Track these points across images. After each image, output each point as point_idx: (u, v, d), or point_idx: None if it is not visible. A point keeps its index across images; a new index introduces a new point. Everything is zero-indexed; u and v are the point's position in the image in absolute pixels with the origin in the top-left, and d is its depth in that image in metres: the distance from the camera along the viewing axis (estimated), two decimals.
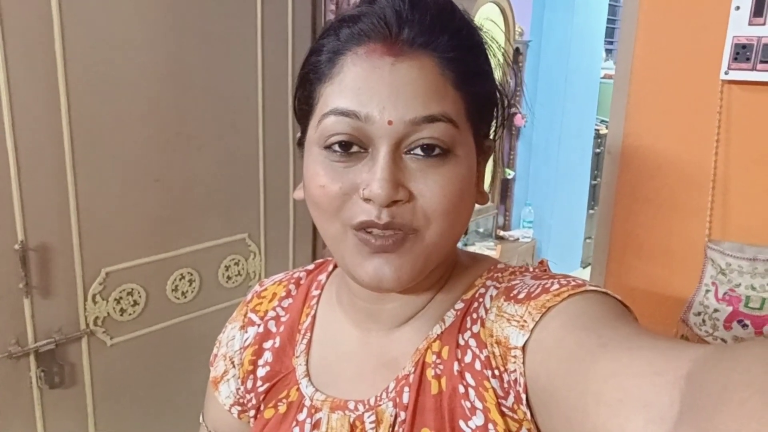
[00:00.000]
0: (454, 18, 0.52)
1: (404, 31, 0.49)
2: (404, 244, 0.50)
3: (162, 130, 1.44)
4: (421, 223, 0.50)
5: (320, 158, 0.51)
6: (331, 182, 0.50)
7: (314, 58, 0.53)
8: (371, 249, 0.50)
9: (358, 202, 0.49)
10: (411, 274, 0.51)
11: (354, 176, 0.49)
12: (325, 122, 0.50)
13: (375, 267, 0.50)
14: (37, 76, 1.22)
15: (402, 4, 0.50)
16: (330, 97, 0.50)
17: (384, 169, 0.48)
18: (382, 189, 0.47)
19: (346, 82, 0.49)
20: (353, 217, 0.50)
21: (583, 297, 0.47)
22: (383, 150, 0.48)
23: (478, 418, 0.49)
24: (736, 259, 1.20)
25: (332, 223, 0.51)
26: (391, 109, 0.48)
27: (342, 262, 0.53)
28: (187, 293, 1.57)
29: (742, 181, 1.22)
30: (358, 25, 0.50)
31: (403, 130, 0.48)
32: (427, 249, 0.51)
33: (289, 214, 1.79)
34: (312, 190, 0.51)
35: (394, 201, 0.48)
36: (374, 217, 0.48)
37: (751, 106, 1.19)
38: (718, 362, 0.32)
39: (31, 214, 1.24)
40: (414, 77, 0.48)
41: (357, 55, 0.49)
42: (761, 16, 1.13)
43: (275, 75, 1.65)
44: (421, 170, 0.49)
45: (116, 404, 1.47)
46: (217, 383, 0.69)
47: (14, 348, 1.26)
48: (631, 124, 1.34)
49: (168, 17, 1.40)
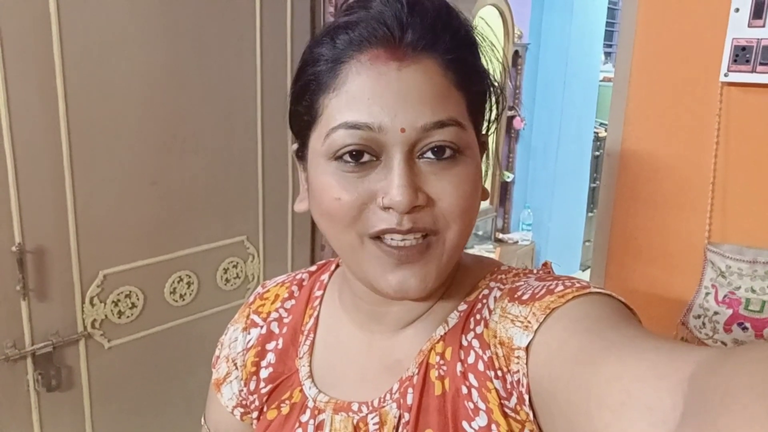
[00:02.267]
0: (451, 18, 0.52)
1: (407, 34, 0.49)
2: (428, 250, 0.50)
3: (159, 133, 1.44)
4: (441, 226, 0.50)
5: (331, 169, 0.50)
6: (346, 193, 0.49)
7: (312, 69, 0.51)
8: (395, 261, 0.49)
9: (375, 212, 0.49)
10: (436, 280, 0.51)
11: (369, 185, 0.49)
12: (335, 136, 0.49)
13: (400, 279, 0.50)
14: (35, 79, 1.21)
15: (400, 7, 0.49)
16: (337, 110, 0.49)
17: (401, 176, 0.47)
18: (402, 196, 0.47)
19: (353, 92, 0.48)
20: (371, 227, 0.49)
21: (588, 299, 0.47)
22: (398, 157, 0.48)
23: (481, 418, 0.49)
24: (736, 261, 1.20)
25: (347, 234, 0.51)
26: (402, 117, 0.47)
27: (360, 273, 0.53)
28: (185, 296, 1.56)
29: (741, 183, 1.22)
30: (356, 31, 0.49)
31: (415, 136, 0.48)
32: (448, 251, 0.51)
33: (287, 216, 1.78)
34: (326, 203, 0.50)
35: (413, 207, 0.48)
36: (395, 224, 0.48)
37: (750, 108, 1.19)
38: (721, 366, 0.32)
39: (29, 216, 1.24)
40: (420, 82, 0.48)
41: (360, 62, 0.48)
42: (761, 18, 1.13)
43: (274, 77, 1.65)
44: (434, 173, 0.49)
45: (114, 407, 1.47)
46: (219, 385, 0.69)
47: (11, 351, 1.25)
48: (630, 127, 1.34)
49: (166, 20, 1.40)
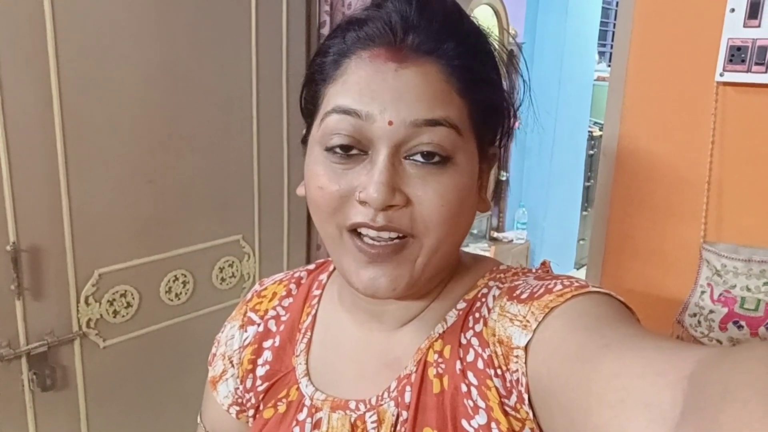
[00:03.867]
0: (461, 24, 0.52)
1: (409, 37, 0.49)
2: (402, 251, 0.50)
3: (155, 131, 1.43)
4: (419, 230, 0.50)
5: (321, 158, 0.51)
6: (329, 183, 0.50)
7: (320, 60, 0.53)
8: (367, 257, 0.50)
9: (354, 205, 0.49)
10: (407, 284, 0.51)
11: (352, 178, 0.49)
12: (327, 120, 0.50)
13: (370, 276, 0.50)
14: (30, 77, 1.20)
15: (409, 9, 0.50)
16: (333, 96, 0.50)
17: (382, 173, 0.47)
18: (378, 192, 0.47)
19: (349, 82, 0.49)
20: (347, 219, 0.50)
21: (587, 298, 0.47)
22: (383, 153, 0.48)
23: (480, 417, 0.49)
24: (731, 260, 1.21)
25: (329, 224, 0.52)
26: (392, 111, 0.47)
27: (338, 265, 0.53)
28: (180, 295, 1.56)
29: (737, 182, 1.22)
30: (364, 29, 0.50)
31: (403, 132, 0.48)
32: (425, 257, 0.51)
33: (283, 215, 1.78)
34: (311, 190, 0.52)
35: (389, 205, 0.48)
36: (369, 219, 0.48)
37: (746, 108, 1.20)
38: (720, 363, 0.32)
39: (23, 215, 1.23)
40: (417, 83, 0.48)
41: (361, 58, 0.49)
42: (756, 18, 1.14)
43: (269, 75, 1.64)
44: (420, 176, 0.49)
45: (109, 407, 1.46)
46: (215, 383, 0.69)
47: (6, 350, 1.25)
48: (626, 126, 1.34)
49: (161, 18, 1.39)
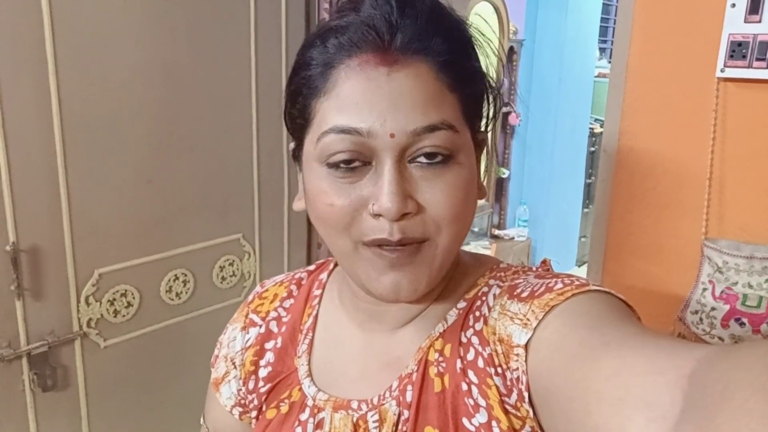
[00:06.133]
0: (444, 19, 0.51)
1: (396, 38, 0.48)
2: (418, 254, 0.50)
3: (155, 131, 1.43)
4: (432, 232, 0.50)
5: (323, 174, 0.50)
6: (338, 199, 0.49)
7: (304, 73, 0.51)
8: (386, 263, 0.50)
9: (367, 218, 0.49)
10: (427, 284, 0.51)
11: (361, 191, 0.49)
12: (325, 140, 0.49)
13: (392, 281, 0.50)
14: (28, 77, 1.20)
15: (390, 9, 0.48)
16: (328, 114, 0.49)
17: (391, 183, 0.47)
18: (392, 203, 0.47)
19: (343, 96, 0.48)
20: (365, 234, 0.49)
21: (587, 296, 0.47)
22: (388, 163, 0.48)
23: (481, 415, 0.49)
24: (733, 257, 1.20)
25: (342, 239, 0.51)
26: (392, 122, 0.47)
27: (355, 277, 0.53)
28: (181, 294, 1.56)
29: (738, 178, 1.22)
30: (346, 35, 0.48)
31: (405, 141, 0.47)
32: (440, 255, 0.51)
33: (283, 214, 1.78)
34: (320, 208, 0.51)
35: (403, 214, 0.48)
36: (387, 235, 0.48)
37: (746, 104, 1.19)
38: (720, 362, 0.32)
39: (23, 215, 1.23)
40: (411, 86, 0.47)
41: (350, 67, 0.48)
42: (757, 13, 1.13)
43: (269, 75, 1.64)
44: (426, 179, 0.49)
45: (110, 407, 1.46)
46: (218, 384, 0.69)
47: (6, 351, 1.25)
48: (626, 123, 1.34)
49: (160, 17, 1.39)
